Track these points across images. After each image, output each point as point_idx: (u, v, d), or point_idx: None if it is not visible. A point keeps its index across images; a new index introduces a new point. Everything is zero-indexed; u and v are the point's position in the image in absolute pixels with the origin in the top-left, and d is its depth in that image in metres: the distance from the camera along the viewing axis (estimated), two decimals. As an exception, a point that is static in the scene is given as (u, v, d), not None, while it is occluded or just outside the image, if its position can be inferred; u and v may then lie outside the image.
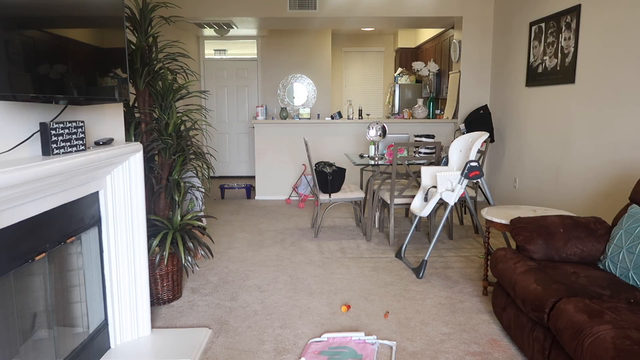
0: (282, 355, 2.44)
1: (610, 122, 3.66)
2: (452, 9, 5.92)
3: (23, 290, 1.84)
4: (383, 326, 2.75)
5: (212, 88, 8.10)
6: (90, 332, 2.31)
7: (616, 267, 2.35)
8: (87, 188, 2.15)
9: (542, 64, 4.67)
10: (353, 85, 9.30)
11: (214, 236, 4.61)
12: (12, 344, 1.76)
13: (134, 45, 2.95)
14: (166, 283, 3.03)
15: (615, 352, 1.64)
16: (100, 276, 2.37)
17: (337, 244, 4.32)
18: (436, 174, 3.55)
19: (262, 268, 3.72)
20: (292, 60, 8.09)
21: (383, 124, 4.80)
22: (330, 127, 6.37)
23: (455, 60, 6.31)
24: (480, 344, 2.55)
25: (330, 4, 5.92)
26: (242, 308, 3.00)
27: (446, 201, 3.51)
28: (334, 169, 4.45)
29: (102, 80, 2.06)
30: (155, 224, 3.01)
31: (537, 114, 4.79)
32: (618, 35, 3.57)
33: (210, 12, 5.93)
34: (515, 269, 2.43)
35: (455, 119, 6.20)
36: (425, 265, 3.49)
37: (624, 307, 1.94)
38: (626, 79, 3.48)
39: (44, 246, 1.87)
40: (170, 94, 3.05)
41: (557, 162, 4.41)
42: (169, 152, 3.01)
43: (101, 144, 2.12)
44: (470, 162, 3.40)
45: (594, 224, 2.62)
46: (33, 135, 1.76)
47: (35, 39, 1.60)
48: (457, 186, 3.48)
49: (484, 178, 3.54)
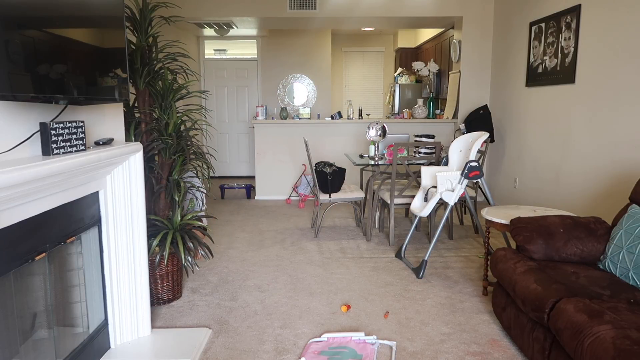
0: (282, 355, 2.44)
1: (610, 122, 3.66)
2: (452, 9, 5.92)
3: (23, 290, 1.84)
4: (383, 326, 2.75)
5: (212, 88, 8.11)
6: (90, 332, 2.31)
7: (616, 267, 2.35)
8: (87, 188, 2.15)
9: (542, 64, 4.67)
10: (353, 85, 9.30)
11: (214, 236, 4.61)
12: (12, 344, 1.76)
13: (134, 45, 2.95)
14: (166, 283, 3.03)
15: (615, 352, 1.64)
16: (100, 276, 2.37)
17: (337, 244, 4.32)
18: (436, 174, 3.55)
19: (262, 268, 3.72)
20: (292, 60, 8.09)
21: (383, 124, 4.80)
22: (330, 127, 6.37)
23: (455, 60, 6.31)
24: (480, 344, 2.55)
25: (330, 4, 5.92)
26: (242, 308, 3.00)
27: (446, 201, 3.51)
28: (334, 169, 4.45)
29: (102, 80, 2.06)
30: (155, 224, 3.01)
31: (537, 114, 4.79)
32: (618, 35, 3.57)
33: (210, 12, 5.93)
34: (515, 269, 2.43)
35: (455, 119, 6.20)
36: (425, 265, 3.49)
37: (624, 307, 1.94)
38: (626, 79, 3.48)
39: (44, 246, 1.87)
40: (170, 94, 3.05)
41: (557, 162, 4.41)
42: (169, 152, 3.02)
43: (101, 144, 2.12)
44: (471, 162, 3.40)
45: (594, 224, 2.62)
46: (33, 135, 1.76)
47: (35, 38, 1.60)
48: (457, 186, 3.48)
49: (484, 178, 3.54)
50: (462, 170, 3.46)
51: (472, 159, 3.47)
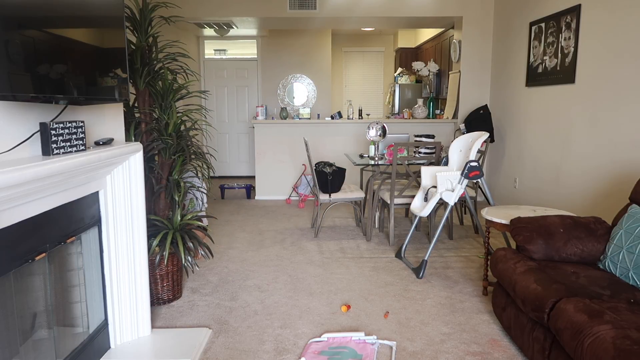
0: (282, 355, 2.44)
1: (610, 122, 3.66)
2: (452, 9, 5.92)
3: (23, 290, 1.84)
4: (383, 326, 2.75)
5: (212, 88, 8.11)
6: (90, 332, 2.31)
7: (616, 267, 2.35)
8: (87, 188, 2.15)
9: (542, 64, 4.67)
10: (353, 85, 9.30)
11: (214, 236, 4.61)
12: (12, 344, 1.76)
13: (134, 45, 2.95)
14: (166, 283, 3.03)
15: (615, 352, 1.64)
16: (100, 276, 2.37)
17: (337, 244, 4.32)
18: (436, 174, 3.55)
19: (262, 268, 3.72)
20: (292, 60, 8.09)
21: (383, 124, 4.80)
22: (330, 127, 6.37)
23: (455, 60, 6.31)
24: (480, 344, 2.55)
25: (330, 4, 5.92)
26: (242, 308, 3.00)
27: (446, 201, 3.51)
28: (334, 169, 4.45)
29: (102, 80, 2.06)
30: (155, 224, 3.01)
31: (537, 114, 4.79)
32: (618, 35, 3.57)
33: (210, 12, 5.93)
34: (515, 269, 2.43)
35: (455, 119, 6.20)
36: (425, 265, 3.49)
37: (624, 307, 1.94)
38: (626, 79, 3.48)
39: (44, 246, 1.87)
40: (170, 94, 3.05)
41: (557, 162, 4.41)
42: (169, 152, 3.02)
43: (101, 144, 2.12)
44: (470, 162, 3.41)
45: (594, 224, 2.61)
46: (33, 135, 1.76)
47: (35, 38, 1.60)
48: (457, 186, 3.48)
49: (484, 178, 3.55)
50: (462, 170, 3.47)
51: (472, 159, 3.48)
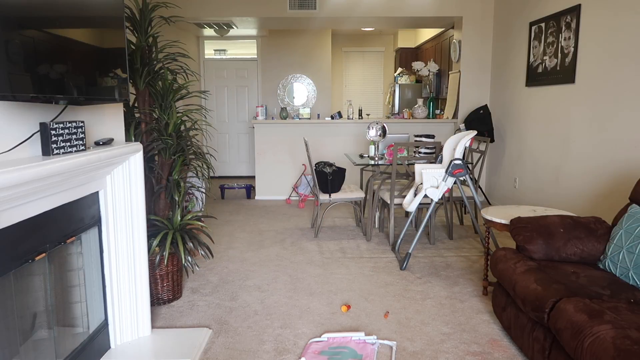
0: (282, 355, 2.44)
1: (610, 122, 3.66)
2: (452, 9, 5.92)
3: (23, 290, 1.84)
4: (383, 326, 2.75)
5: (212, 88, 8.10)
6: (90, 332, 2.31)
7: (616, 267, 2.35)
8: (87, 188, 2.15)
9: (542, 64, 4.67)
10: (353, 85, 9.30)
11: (214, 236, 4.61)
12: (12, 344, 1.76)
13: (134, 45, 2.95)
14: (166, 283, 3.03)
15: (615, 352, 1.64)
16: (100, 276, 2.37)
17: (337, 244, 4.32)
18: (421, 170, 3.61)
19: (262, 268, 3.72)
20: (292, 60, 8.09)
21: (383, 124, 4.80)
22: (330, 127, 6.37)
23: (455, 60, 6.31)
24: (480, 344, 2.55)
25: (330, 4, 5.92)
26: (242, 308, 3.00)
27: (431, 197, 3.59)
28: (334, 169, 4.45)
29: (102, 80, 2.06)
30: (155, 224, 3.01)
31: (537, 114, 4.79)
32: (618, 35, 3.57)
33: (210, 12, 5.93)
34: (515, 269, 2.43)
35: (455, 119, 6.20)
36: (408, 258, 3.63)
37: (624, 307, 1.94)
38: (626, 79, 3.48)
39: (44, 246, 1.87)
40: (170, 94, 3.05)
41: (557, 162, 4.41)
42: (169, 152, 3.02)
43: (101, 144, 2.12)
44: (454, 160, 3.45)
45: (594, 224, 2.61)
46: (33, 135, 1.76)
47: (35, 39, 1.60)
48: (442, 183, 3.54)
49: (469, 176, 3.60)
50: (446, 168, 3.52)
51: (457, 157, 3.51)
